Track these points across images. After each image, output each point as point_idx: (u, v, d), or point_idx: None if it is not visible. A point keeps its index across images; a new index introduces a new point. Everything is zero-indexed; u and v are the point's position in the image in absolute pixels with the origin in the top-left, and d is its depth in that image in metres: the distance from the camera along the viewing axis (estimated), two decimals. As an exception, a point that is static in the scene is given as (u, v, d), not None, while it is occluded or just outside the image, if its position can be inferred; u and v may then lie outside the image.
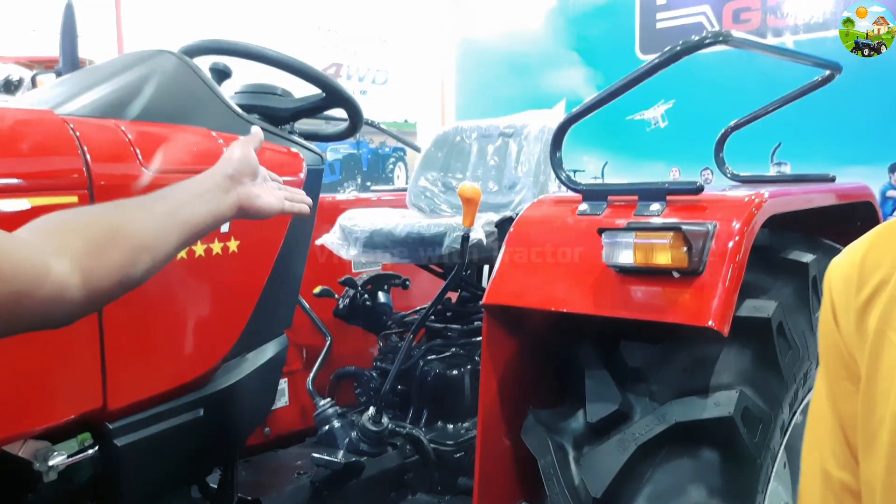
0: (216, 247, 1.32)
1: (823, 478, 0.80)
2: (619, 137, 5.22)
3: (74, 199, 1.11)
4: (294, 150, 1.58)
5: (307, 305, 2.30)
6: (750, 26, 5.00)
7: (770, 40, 4.91)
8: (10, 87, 11.05)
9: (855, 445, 0.76)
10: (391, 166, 5.97)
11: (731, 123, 2.29)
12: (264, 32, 4.50)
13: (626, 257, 1.41)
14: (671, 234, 1.36)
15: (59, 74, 1.88)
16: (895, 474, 0.70)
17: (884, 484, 0.71)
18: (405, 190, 2.79)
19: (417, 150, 2.87)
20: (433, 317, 2.32)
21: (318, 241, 2.26)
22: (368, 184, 5.74)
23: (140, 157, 1.21)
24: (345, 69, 5.48)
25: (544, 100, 5.59)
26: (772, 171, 4.47)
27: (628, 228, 1.43)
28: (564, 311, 1.52)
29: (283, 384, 2.37)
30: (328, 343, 2.28)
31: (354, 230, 2.19)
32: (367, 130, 1.88)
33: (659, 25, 5.32)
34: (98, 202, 1.14)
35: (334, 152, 5.30)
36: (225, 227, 1.33)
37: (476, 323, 2.36)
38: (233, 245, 1.35)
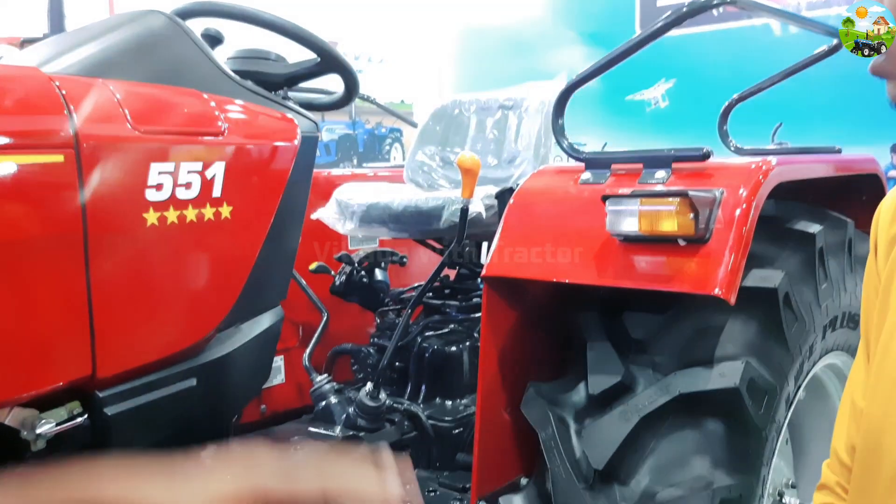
0: (208, 212, 1.28)
1: (851, 407, 0.85)
2: (618, 118, 5.18)
3: (60, 158, 1.07)
4: (289, 115, 1.53)
5: (303, 282, 2.26)
6: (752, 4, 4.96)
7: (771, 19, 4.86)
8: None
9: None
10: (387, 147, 5.92)
11: (735, 96, 2.25)
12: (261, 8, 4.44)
13: (630, 225, 1.38)
14: (677, 200, 1.33)
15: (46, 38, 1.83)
16: (874, 397, 0.75)
17: (868, 409, 0.76)
18: (402, 166, 2.75)
19: (414, 125, 2.82)
20: (431, 293, 2.29)
21: (314, 216, 2.22)
22: (365, 164, 5.70)
23: (128, 116, 1.17)
24: (341, 47, 5.44)
25: (543, 78, 5.54)
26: (772, 151, 4.44)
27: (633, 195, 1.39)
28: (567, 282, 1.49)
29: (279, 361, 2.34)
30: (325, 319, 2.24)
31: (351, 204, 2.15)
32: (363, 110, 1.83)
33: (660, 3, 5.27)
34: (84, 162, 1.09)
35: (330, 132, 5.24)
36: (217, 191, 1.29)
37: (475, 300, 2.33)
38: (225, 210, 1.31)
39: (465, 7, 6.25)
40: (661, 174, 1.48)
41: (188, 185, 1.24)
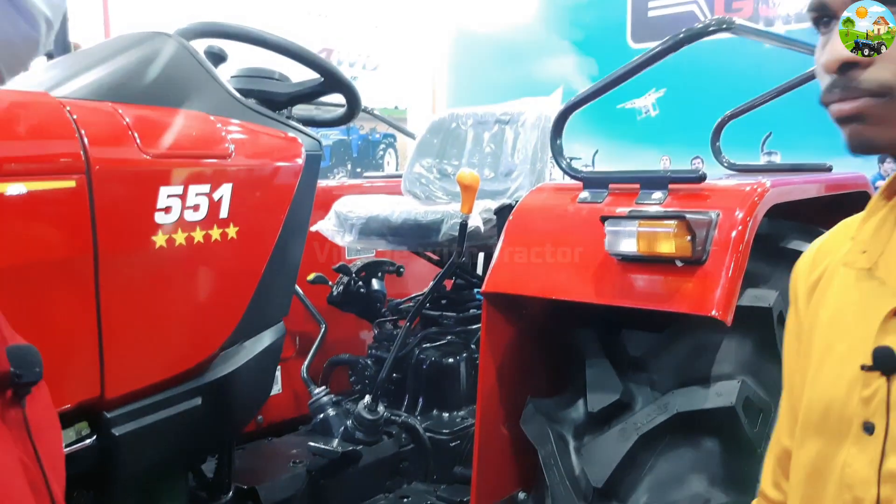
0: (215, 233, 1.30)
1: (777, 445, 0.91)
2: (609, 125, 5.22)
3: (72, 183, 1.09)
4: (292, 135, 1.55)
5: (301, 292, 2.27)
6: (742, 15, 5.00)
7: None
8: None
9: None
10: (381, 152, 5.94)
11: (728, 113, 2.28)
12: (254, 17, 4.44)
13: (628, 245, 1.40)
14: (675, 222, 1.36)
15: (50, 57, 1.84)
16: (805, 436, 0.79)
17: (797, 445, 0.81)
18: (399, 177, 2.77)
19: (412, 136, 2.84)
20: (428, 304, 2.31)
21: (314, 228, 2.23)
22: (359, 170, 5.71)
23: (138, 140, 1.18)
24: (336, 55, 5.44)
25: (536, 87, 5.58)
26: (762, 161, 4.48)
27: (631, 217, 1.42)
28: (566, 299, 1.51)
29: (277, 372, 2.36)
30: (323, 330, 2.26)
31: (350, 217, 2.17)
32: (357, 116, 1.85)
33: (651, 14, 5.31)
34: (95, 187, 1.11)
35: (324, 138, 5.25)
36: (224, 213, 1.31)
37: (472, 310, 2.35)
38: (231, 231, 1.33)
39: (458, 14, 6.29)
40: (657, 195, 1.51)
41: (196, 208, 1.26)
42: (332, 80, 1.66)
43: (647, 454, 1.40)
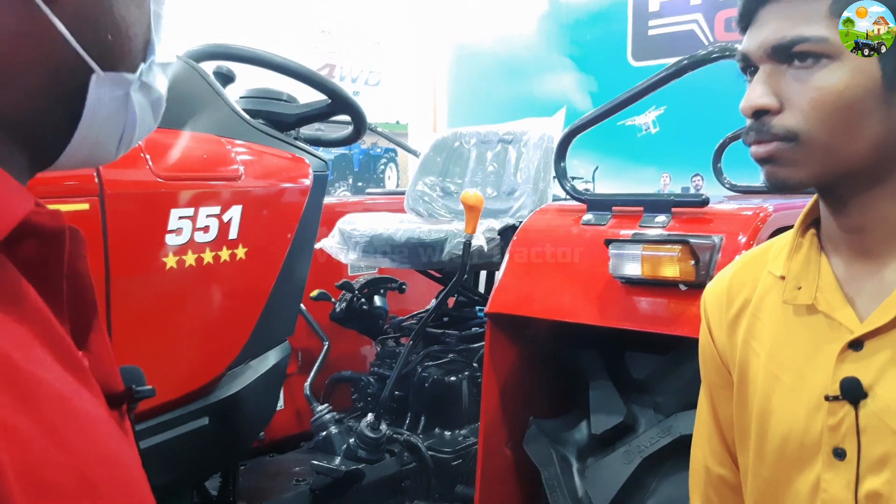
0: (224, 254, 1.31)
1: (705, 473, 0.95)
2: (610, 142, 5.24)
3: (86, 206, 1.10)
4: (300, 155, 1.57)
5: (304, 309, 2.28)
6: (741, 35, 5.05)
7: (761, 49, 4.96)
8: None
9: (733, 443, 0.90)
10: (382, 167, 5.96)
11: (730, 134, 2.31)
12: (258, 33, 4.48)
13: (633, 269, 1.42)
14: (679, 247, 1.37)
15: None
16: (762, 464, 0.83)
17: (753, 472, 0.85)
18: (401, 193, 2.79)
19: (416, 154, 2.86)
20: (430, 322, 2.32)
21: (318, 245, 2.24)
22: (360, 184, 5.72)
23: (150, 164, 1.20)
24: (338, 70, 5.47)
25: (536, 103, 5.62)
26: (762, 179, 4.52)
27: (635, 240, 1.44)
28: (569, 321, 1.53)
29: (279, 388, 2.36)
30: (326, 347, 2.27)
31: (354, 234, 2.18)
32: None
33: (651, 32, 5.35)
34: (108, 210, 1.13)
35: (325, 152, 5.27)
36: (233, 234, 1.33)
37: (474, 329, 2.36)
38: (240, 252, 1.34)
39: (459, 31, 6.33)
40: (661, 218, 1.53)
41: (206, 229, 1.27)
42: (338, 102, 1.68)
43: (651, 477, 1.41)
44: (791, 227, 1.49)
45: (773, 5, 0.77)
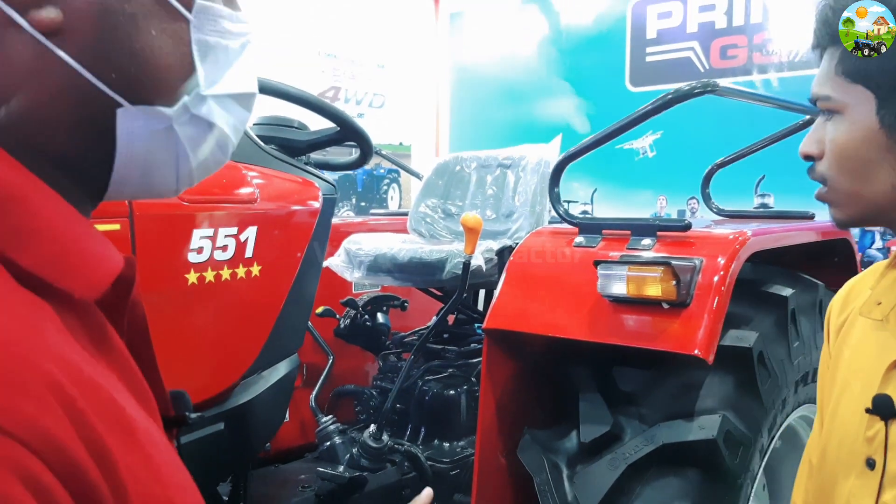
0: (240, 271, 1.42)
1: (808, 465, 1.00)
2: (608, 165, 5.35)
3: (117, 226, 1.21)
4: (310, 179, 1.68)
5: (310, 325, 2.38)
6: (736, 62, 5.18)
7: (755, 77, 5.09)
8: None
9: None
10: (385, 187, 6.08)
11: (717, 161, 2.42)
12: (264, 56, 4.62)
13: (619, 288, 1.53)
14: (661, 268, 1.48)
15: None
16: (823, 462, 0.91)
17: (816, 468, 0.93)
18: (402, 214, 2.90)
19: (419, 177, 2.98)
20: (431, 338, 2.42)
21: (324, 264, 2.35)
22: (363, 204, 5.84)
23: (176, 187, 1.31)
24: (343, 92, 5.61)
25: (536, 127, 5.75)
26: (756, 203, 4.62)
27: (622, 262, 1.54)
28: (561, 336, 1.63)
29: (285, 400, 2.45)
30: (330, 362, 2.37)
31: (359, 254, 2.29)
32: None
33: (648, 59, 5.49)
34: (137, 229, 1.23)
35: (330, 173, 5.39)
36: (249, 252, 1.43)
37: (472, 345, 2.46)
38: (255, 269, 1.45)
39: (461, 55, 6.48)
40: (647, 241, 1.64)
41: (224, 248, 1.38)
42: (346, 129, 1.79)
43: (635, 483, 1.50)
44: (768, 250, 1.60)
45: (823, 58, 0.85)
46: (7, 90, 0.43)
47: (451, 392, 2.28)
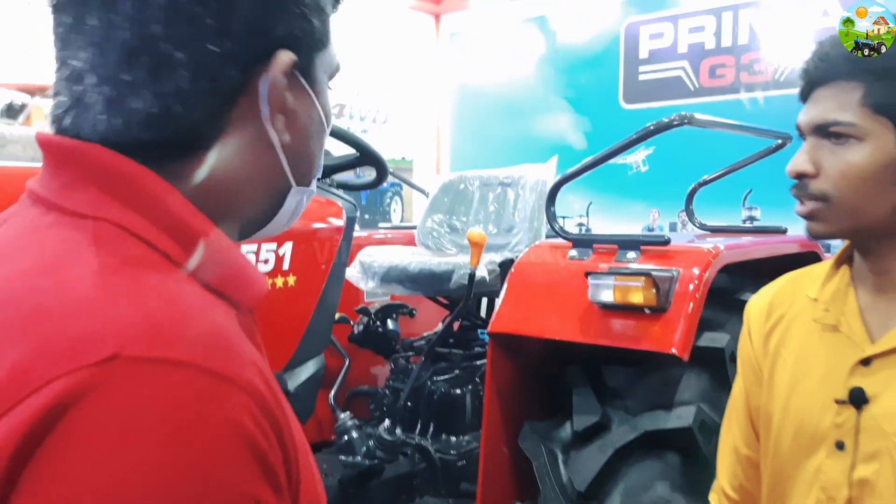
0: (279, 281, 1.64)
1: (734, 454, 1.16)
2: (603, 179, 5.60)
3: (182, 243, 1.43)
4: (335, 200, 1.91)
5: (327, 330, 2.61)
6: (724, 81, 5.43)
7: (743, 95, 5.33)
8: (13, 112, 11.24)
9: (758, 430, 1.12)
10: (388, 200, 6.32)
11: (699, 181, 2.65)
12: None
13: (607, 296, 1.75)
14: (643, 278, 1.70)
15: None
16: (779, 449, 1.05)
17: (772, 455, 1.07)
18: (410, 228, 3.13)
19: (426, 194, 3.21)
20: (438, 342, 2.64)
21: (342, 275, 2.57)
22: (367, 216, 6.07)
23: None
24: (348, 109, 5.84)
25: (534, 142, 6.00)
26: (743, 216, 4.85)
27: (609, 273, 1.77)
28: (557, 338, 1.85)
29: (302, 400, 2.67)
30: (347, 364, 2.58)
31: (373, 266, 2.51)
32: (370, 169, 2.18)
33: (641, 77, 5.74)
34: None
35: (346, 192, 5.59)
36: (286, 265, 1.66)
37: (476, 349, 2.68)
38: (291, 280, 1.67)
39: (462, 73, 6.73)
40: (632, 254, 1.86)
41: (266, 261, 1.61)
42: (365, 154, 2.02)
43: (621, 465, 1.72)
44: (738, 262, 1.82)
45: (823, 90, 0.93)
46: (243, 182, 0.60)
47: (457, 391, 2.50)
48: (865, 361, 0.95)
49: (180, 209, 0.55)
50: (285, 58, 0.57)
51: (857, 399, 0.94)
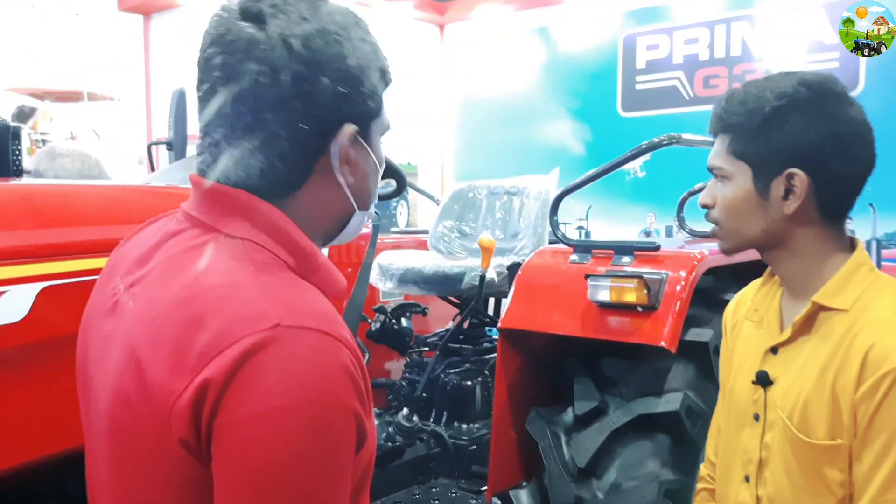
0: (317, 283, 1.87)
1: (717, 430, 1.41)
2: (601, 184, 5.80)
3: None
4: (362, 211, 2.14)
5: (347, 327, 2.83)
6: (718, 91, 5.66)
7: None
8: (23, 116, 11.46)
9: None
10: (394, 204, 6.54)
11: (689, 191, 2.88)
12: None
13: (604, 295, 1.98)
14: (636, 280, 1.94)
15: (169, 147, 2.43)
16: (727, 422, 1.30)
17: (723, 428, 1.33)
18: (420, 232, 3.36)
19: (436, 201, 3.44)
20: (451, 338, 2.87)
21: (361, 277, 2.80)
22: (391, 230, 6.29)
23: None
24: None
25: (535, 147, 6.23)
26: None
27: (606, 275, 2.00)
28: (559, 333, 2.09)
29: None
30: (366, 358, 2.82)
31: (391, 268, 2.75)
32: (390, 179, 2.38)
33: (638, 87, 5.97)
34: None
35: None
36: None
37: (485, 344, 2.92)
38: (327, 282, 1.91)
39: (466, 80, 6.95)
40: (626, 259, 2.10)
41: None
42: (387, 169, 2.25)
43: (617, 444, 1.96)
44: (721, 266, 2.05)
45: (716, 139, 1.20)
46: (323, 210, 0.85)
47: (469, 383, 2.74)
48: (774, 350, 1.19)
49: (293, 232, 0.82)
50: (349, 129, 0.82)
51: (763, 380, 1.19)
